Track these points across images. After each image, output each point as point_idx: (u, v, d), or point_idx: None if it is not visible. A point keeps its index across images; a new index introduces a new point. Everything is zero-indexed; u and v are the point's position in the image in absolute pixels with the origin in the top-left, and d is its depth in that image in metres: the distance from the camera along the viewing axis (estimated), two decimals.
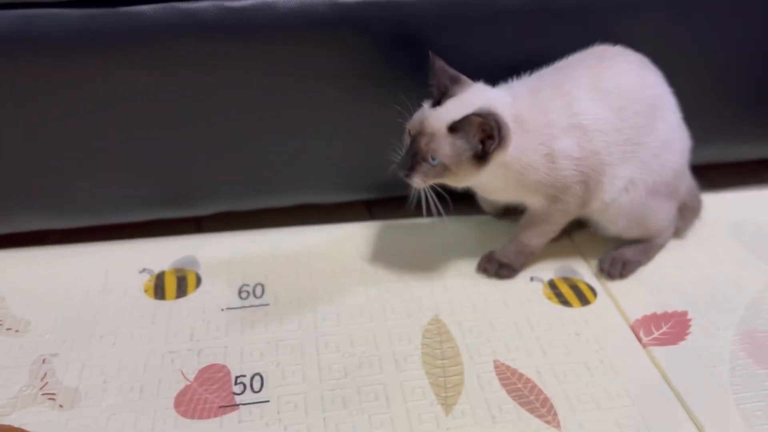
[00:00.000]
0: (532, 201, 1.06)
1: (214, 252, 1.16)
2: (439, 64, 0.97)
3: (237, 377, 0.94)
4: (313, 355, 0.97)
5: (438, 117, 0.95)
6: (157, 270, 1.12)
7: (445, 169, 0.94)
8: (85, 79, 1.02)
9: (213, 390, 0.92)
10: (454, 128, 0.93)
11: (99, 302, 1.06)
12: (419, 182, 0.95)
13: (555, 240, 1.14)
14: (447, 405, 0.90)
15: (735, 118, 1.28)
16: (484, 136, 0.93)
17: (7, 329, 1.00)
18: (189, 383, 0.93)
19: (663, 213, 1.11)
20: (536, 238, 1.09)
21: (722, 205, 1.29)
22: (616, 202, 1.06)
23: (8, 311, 1.04)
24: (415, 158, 0.95)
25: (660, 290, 1.10)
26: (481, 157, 0.94)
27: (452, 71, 0.98)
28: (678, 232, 1.19)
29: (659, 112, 1.05)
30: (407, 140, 0.97)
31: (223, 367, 0.95)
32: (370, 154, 1.10)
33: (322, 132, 1.12)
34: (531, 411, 0.89)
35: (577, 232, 1.20)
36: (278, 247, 1.18)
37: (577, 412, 0.90)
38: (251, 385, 0.93)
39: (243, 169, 1.15)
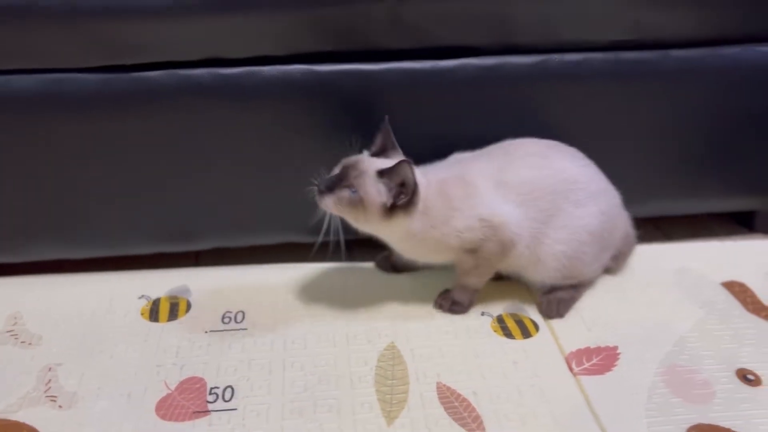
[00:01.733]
0: (451, 258, 1.20)
1: (205, 282, 1.32)
2: (388, 129, 1.16)
3: (212, 388, 1.08)
4: (279, 373, 1.11)
5: (372, 162, 1.13)
6: (153, 296, 1.28)
7: (358, 203, 1.09)
8: (101, 131, 1.20)
9: (189, 398, 1.06)
10: (382, 173, 1.10)
11: (102, 322, 1.22)
12: (329, 204, 1.10)
13: (507, 280, 1.28)
14: (390, 418, 1.03)
15: (683, 175, 1.41)
16: (400, 191, 1.09)
17: (22, 342, 1.17)
18: (170, 392, 1.07)
19: (590, 262, 1.23)
20: (473, 278, 1.23)
21: (670, 254, 1.41)
22: (541, 262, 1.20)
23: (24, 327, 1.21)
24: (338, 183, 1.10)
25: (597, 327, 1.22)
26: (390, 209, 1.10)
27: (394, 140, 1.16)
28: (611, 271, 1.32)
29: (561, 195, 1.18)
30: (334, 170, 1.12)
31: (201, 379, 1.10)
32: None
33: (301, 179, 1.28)
34: (463, 426, 1.02)
35: None
36: (261, 280, 1.33)
37: (504, 429, 1.01)
38: (223, 396, 1.07)
39: (233, 211, 1.32)
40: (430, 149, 1.25)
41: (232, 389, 1.08)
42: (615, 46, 1.26)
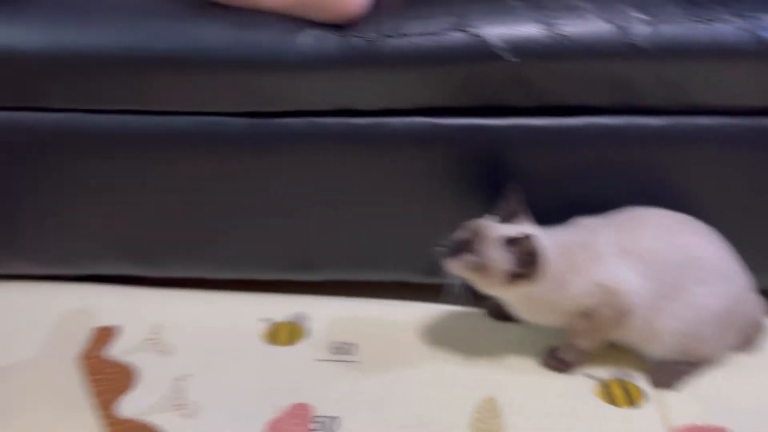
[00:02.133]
0: (564, 322, 1.20)
1: (324, 311, 1.41)
2: (517, 194, 1.18)
3: (316, 417, 1.16)
4: (383, 410, 1.17)
5: (498, 228, 1.15)
6: (274, 320, 1.39)
7: (482, 269, 1.12)
8: (243, 168, 1.33)
9: (295, 424, 1.15)
10: (508, 241, 1.12)
11: (228, 339, 1.34)
12: (454, 268, 1.14)
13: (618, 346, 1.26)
14: None
15: None
16: (525, 262, 1.11)
17: (160, 350, 1.32)
18: (279, 415, 1.17)
19: (709, 342, 1.18)
20: (584, 342, 1.21)
21: None
22: (656, 337, 1.17)
23: (164, 337, 1.35)
24: (463, 248, 1.13)
25: (710, 403, 1.17)
26: (513, 276, 1.12)
27: (524, 206, 1.18)
28: (736, 350, 1.25)
29: (686, 271, 1.15)
30: (461, 234, 1.16)
31: (308, 406, 1.18)
32: None
33: (421, 223, 1.34)
34: None
35: None
36: (377, 315, 1.40)
37: None
38: (327, 425, 1.15)
39: (355, 247, 1.39)
40: (550, 206, 1.24)
41: (336, 420, 1.15)
42: (755, 111, 1.21)
